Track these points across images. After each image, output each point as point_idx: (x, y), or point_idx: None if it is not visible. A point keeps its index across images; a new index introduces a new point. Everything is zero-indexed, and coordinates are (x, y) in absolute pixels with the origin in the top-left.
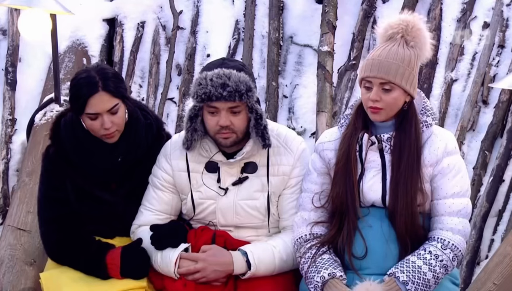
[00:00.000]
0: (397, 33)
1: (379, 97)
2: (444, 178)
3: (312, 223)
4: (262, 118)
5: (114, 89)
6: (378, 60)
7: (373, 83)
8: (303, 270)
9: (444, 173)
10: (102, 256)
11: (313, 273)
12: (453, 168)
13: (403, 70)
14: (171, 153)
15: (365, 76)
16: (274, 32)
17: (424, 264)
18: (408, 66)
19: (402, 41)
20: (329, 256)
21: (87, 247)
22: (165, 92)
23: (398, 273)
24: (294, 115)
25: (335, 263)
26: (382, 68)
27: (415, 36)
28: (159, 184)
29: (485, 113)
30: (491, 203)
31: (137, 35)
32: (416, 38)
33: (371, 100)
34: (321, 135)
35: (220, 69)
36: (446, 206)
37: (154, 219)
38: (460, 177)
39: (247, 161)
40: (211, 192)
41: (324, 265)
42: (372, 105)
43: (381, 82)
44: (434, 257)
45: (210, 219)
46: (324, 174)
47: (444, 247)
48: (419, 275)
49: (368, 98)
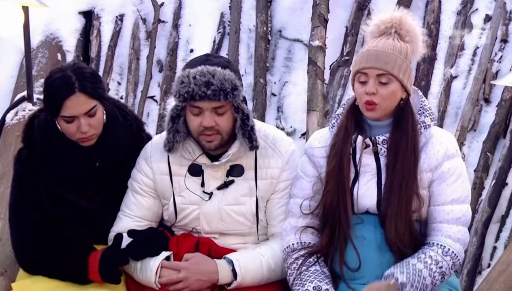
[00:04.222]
0: (390, 27)
1: (375, 90)
2: (443, 183)
3: (301, 228)
4: (248, 119)
5: (92, 91)
6: (375, 50)
7: (369, 76)
8: (289, 282)
9: (444, 178)
10: (84, 258)
11: (297, 287)
12: (453, 172)
13: (401, 62)
14: (151, 155)
15: (360, 68)
16: (262, 25)
17: (425, 268)
18: (405, 58)
19: (396, 35)
20: (316, 267)
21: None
22: (146, 90)
23: (397, 274)
24: (283, 114)
25: (322, 276)
26: (380, 58)
27: (409, 31)
28: (138, 188)
29: (487, 112)
30: (494, 208)
31: (116, 29)
32: (410, 33)
33: (367, 94)
34: (311, 137)
35: (203, 66)
36: (444, 213)
37: (133, 226)
38: (461, 182)
39: (233, 163)
40: (195, 196)
41: (310, 277)
42: (368, 99)
43: (378, 74)
44: (434, 262)
45: (193, 226)
46: (315, 178)
47: (444, 254)
48: (418, 279)
49: (363, 92)
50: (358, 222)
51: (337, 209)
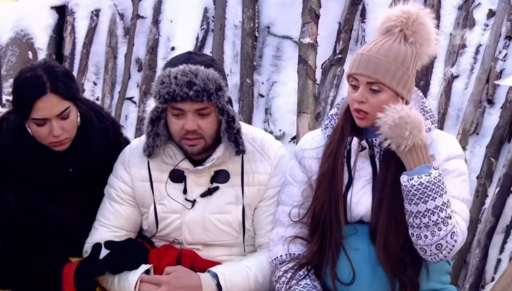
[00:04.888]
0: (395, 26)
1: (365, 98)
2: (444, 176)
3: (289, 238)
4: (234, 121)
5: (65, 91)
6: (367, 55)
7: (360, 82)
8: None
9: (444, 173)
10: (58, 269)
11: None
12: (454, 170)
13: (394, 69)
14: (130, 160)
15: (351, 73)
16: (249, 21)
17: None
18: (401, 65)
19: (400, 35)
20: (306, 281)
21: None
22: (123, 91)
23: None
24: (272, 117)
25: (313, 290)
26: (370, 65)
27: (416, 31)
28: (116, 195)
29: (490, 114)
30: (498, 217)
31: (91, 25)
32: (417, 34)
33: (355, 101)
34: (301, 139)
35: (185, 65)
36: None
37: (110, 236)
38: (461, 180)
39: (218, 168)
40: (176, 204)
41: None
42: (357, 107)
43: (368, 82)
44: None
45: (175, 236)
46: (304, 185)
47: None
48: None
49: (353, 98)
50: (351, 232)
51: (328, 216)
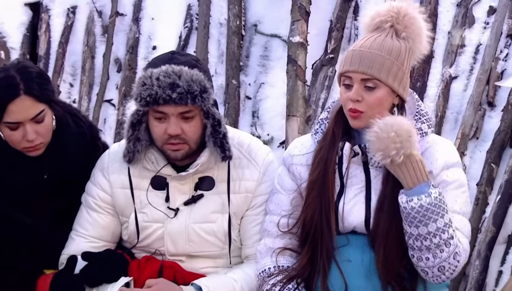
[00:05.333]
0: (385, 21)
1: (360, 96)
2: (444, 189)
3: (278, 250)
4: (220, 125)
5: (39, 93)
6: (360, 51)
7: (354, 80)
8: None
9: (443, 185)
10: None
11: None
12: (454, 181)
13: (390, 64)
14: (109, 166)
15: (344, 71)
16: (235, 19)
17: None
18: (396, 60)
19: (391, 31)
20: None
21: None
22: (102, 93)
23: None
24: (259, 120)
25: None
26: (364, 60)
27: (407, 26)
28: (94, 204)
29: (491, 117)
30: (499, 227)
31: (67, 22)
32: (408, 29)
33: (350, 100)
34: (290, 145)
35: (168, 66)
36: None
37: (88, 247)
38: (461, 192)
39: (202, 175)
40: (158, 213)
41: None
42: (352, 106)
43: (362, 79)
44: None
45: (156, 247)
46: (294, 193)
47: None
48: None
49: (347, 98)
50: (343, 243)
51: (318, 226)
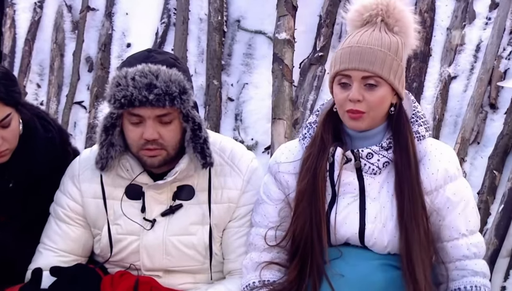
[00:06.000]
0: (375, 15)
1: (361, 96)
2: (453, 212)
3: (264, 264)
4: (201, 129)
5: (5, 95)
6: (359, 47)
7: (353, 79)
8: None
9: (452, 206)
10: None
11: None
12: (461, 198)
13: (391, 61)
14: (80, 173)
15: (341, 70)
16: (216, 14)
17: None
18: (396, 55)
19: (382, 26)
20: None
21: None
22: (72, 94)
23: None
24: (243, 124)
25: None
26: (366, 57)
27: (398, 19)
28: (63, 215)
29: (493, 121)
30: (502, 239)
31: (34, 18)
32: (399, 22)
33: (350, 101)
34: (276, 151)
35: (145, 65)
36: (463, 248)
37: (57, 262)
38: (471, 208)
39: (181, 183)
40: (133, 225)
41: None
42: (352, 107)
43: (364, 77)
44: None
45: (131, 261)
46: (281, 203)
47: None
48: None
49: (345, 99)
50: (335, 256)
51: (309, 239)
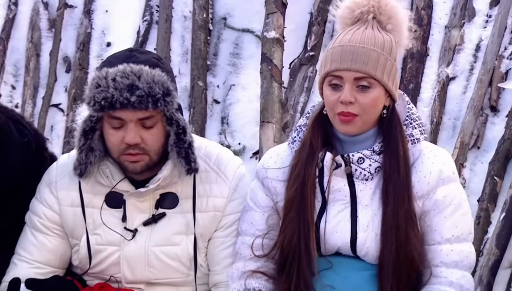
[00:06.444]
0: (367, 12)
1: (353, 98)
2: (439, 214)
3: (249, 272)
4: (185, 133)
5: None
6: (351, 46)
7: (345, 80)
8: None
9: (439, 208)
10: None
11: None
12: (451, 201)
13: (384, 61)
14: (57, 180)
15: (332, 70)
16: (201, 11)
17: None
18: (389, 55)
19: (375, 23)
20: None
21: None
22: (48, 96)
23: None
24: (229, 127)
25: None
26: (358, 57)
27: (391, 16)
28: (40, 224)
29: (493, 124)
30: (503, 249)
31: (8, 15)
32: (392, 19)
33: (342, 103)
34: (264, 156)
35: (126, 65)
36: (442, 253)
37: (32, 273)
38: (461, 214)
39: (164, 191)
40: (114, 234)
41: None
42: (344, 110)
43: (356, 77)
44: None
45: (112, 273)
46: (269, 210)
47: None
48: None
49: (336, 101)
50: (325, 266)
51: (296, 249)
